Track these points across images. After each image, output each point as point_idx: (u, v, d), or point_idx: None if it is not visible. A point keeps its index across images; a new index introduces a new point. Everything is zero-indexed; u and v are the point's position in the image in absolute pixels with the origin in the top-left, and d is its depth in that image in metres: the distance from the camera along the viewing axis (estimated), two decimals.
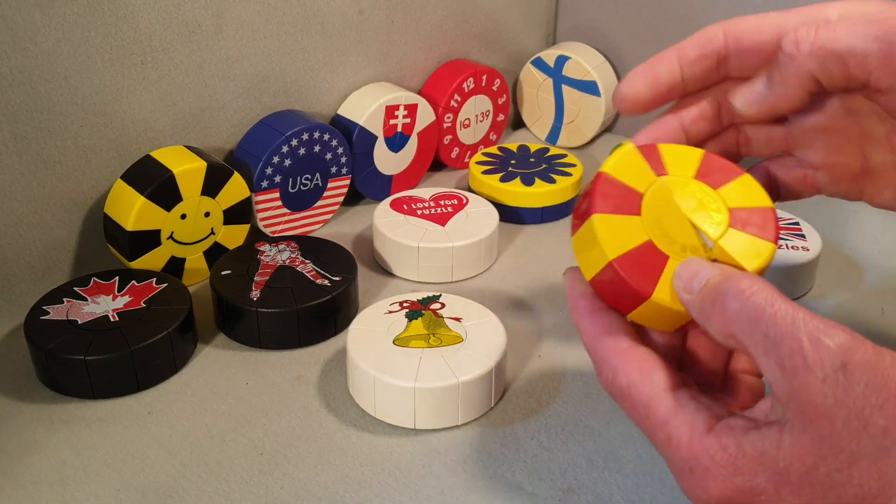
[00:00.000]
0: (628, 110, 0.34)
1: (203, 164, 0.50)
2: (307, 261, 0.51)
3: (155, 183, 0.49)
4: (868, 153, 0.34)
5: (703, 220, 0.31)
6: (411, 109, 0.63)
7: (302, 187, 0.58)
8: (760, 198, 0.33)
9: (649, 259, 0.30)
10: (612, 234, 0.31)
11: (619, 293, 0.31)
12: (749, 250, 0.31)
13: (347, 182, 0.61)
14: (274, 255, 0.51)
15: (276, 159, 0.55)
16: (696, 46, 0.33)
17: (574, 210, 0.34)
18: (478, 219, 0.57)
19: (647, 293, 0.30)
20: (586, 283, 0.32)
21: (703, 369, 0.33)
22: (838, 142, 0.34)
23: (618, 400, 0.30)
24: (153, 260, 0.51)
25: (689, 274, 0.29)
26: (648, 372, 0.29)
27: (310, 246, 0.52)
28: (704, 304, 0.28)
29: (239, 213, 0.54)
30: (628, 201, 0.32)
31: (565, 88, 0.73)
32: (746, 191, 0.33)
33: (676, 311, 0.30)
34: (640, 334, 0.32)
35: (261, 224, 0.57)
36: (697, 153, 0.33)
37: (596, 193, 0.32)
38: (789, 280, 0.52)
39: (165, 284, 0.48)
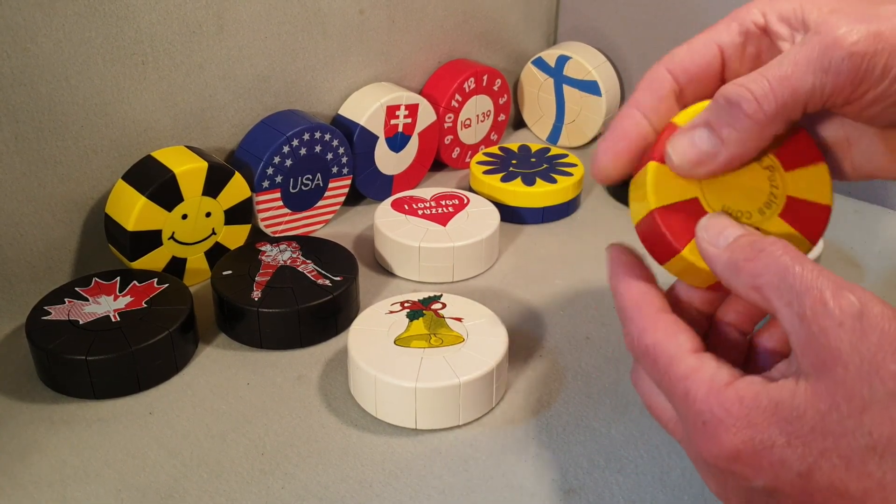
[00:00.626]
0: (608, 182, 0.34)
1: (204, 165, 0.50)
2: (308, 261, 0.51)
3: (156, 183, 0.49)
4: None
5: (758, 200, 0.31)
6: (412, 109, 0.63)
7: (303, 187, 0.58)
8: (823, 194, 0.32)
9: (691, 216, 0.31)
10: (663, 185, 0.31)
11: (655, 242, 0.32)
12: (814, 187, 0.32)
13: (348, 182, 0.61)
14: (275, 256, 0.51)
15: (277, 159, 0.55)
16: (649, 93, 0.33)
17: (642, 155, 0.33)
18: (479, 219, 0.56)
19: (680, 247, 0.31)
20: (629, 254, 0.33)
21: (728, 348, 0.34)
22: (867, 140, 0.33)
23: (640, 358, 0.31)
24: (154, 260, 0.51)
25: (716, 228, 0.30)
26: (675, 334, 0.30)
27: (311, 246, 0.52)
28: (735, 257, 0.28)
29: (240, 214, 0.54)
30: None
31: (566, 88, 0.73)
32: (814, 182, 0.32)
33: (705, 270, 0.30)
34: (673, 307, 0.33)
35: (262, 224, 0.57)
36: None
37: (660, 140, 0.32)
38: None
39: (166, 284, 0.48)
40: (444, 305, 0.47)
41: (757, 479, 0.27)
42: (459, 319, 0.45)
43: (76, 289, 0.47)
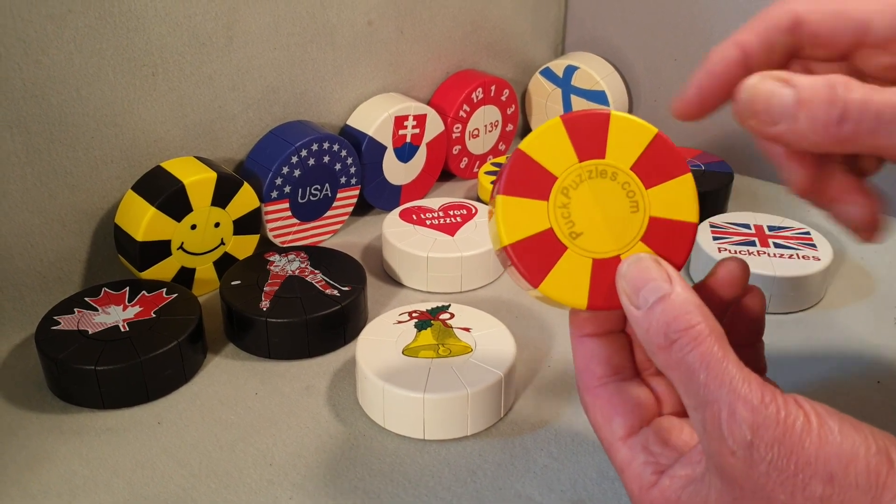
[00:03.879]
0: (687, 118, 0.32)
1: (213, 175, 0.50)
2: (316, 271, 0.51)
3: (165, 194, 0.49)
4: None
5: (618, 227, 0.30)
6: (420, 120, 0.63)
7: (311, 198, 0.58)
8: (687, 210, 0.31)
9: (546, 248, 0.30)
10: (513, 218, 0.30)
11: (513, 275, 0.31)
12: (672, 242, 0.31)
13: (357, 192, 0.61)
14: (283, 266, 0.51)
15: (285, 170, 0.56)
16: (759, 37, 0.30)
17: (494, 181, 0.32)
18: (487, 229, 0.56)
19: (535, 283, 0.30)
20: (580, 313, 0.32)
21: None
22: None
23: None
24: (163, 270, 0.51)
25: (634, 284, 0.28)
26: (609, 418, 0.31)
27: (319, 256, 0.52)
28: (651, 333, 0.28)
29: (249, 224, 0.54)
30: (538, 184, 0.30)
31: (574, 98, 0.74)
32: (677, 197, 0.30)
33: (566, 304, 0.30)
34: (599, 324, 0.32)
35: (270, 234, 0.57)
36: (648, 134, 0.30)
37: (506, 173, 0.30)
38: (800, 290, 0.52)
39: (175, 295, 0.48)
40: (452, 315, 0.46)
41: None
42: (468, 329, 0.45)
43: (86, 299, 0.47)
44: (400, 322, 0.46)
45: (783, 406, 0.25)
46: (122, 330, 0.45)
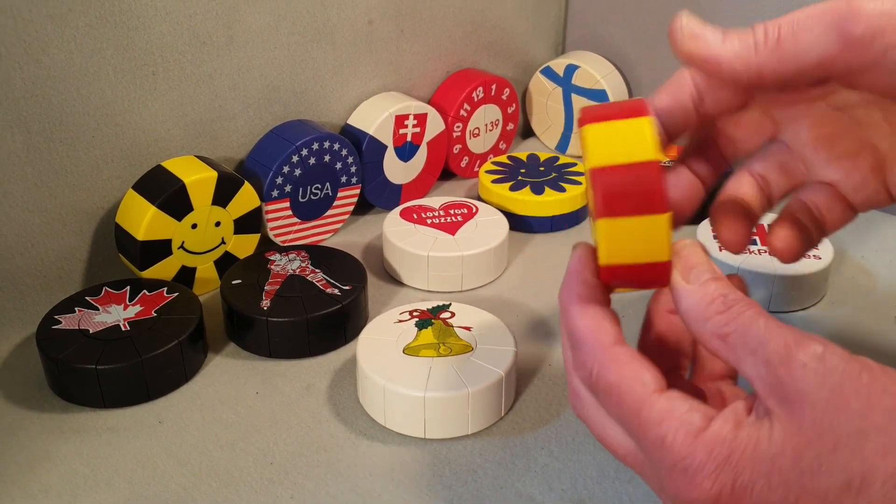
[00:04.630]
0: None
1: (214, 174, 0.50)
2: (317, 270, 0.51)
3: (166, 193, 0.49)
4: (875, 142, 0.33)
5: None
6: (421, 119, 0.63)
7: (312, 197, 0.58)
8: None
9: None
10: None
11: (649, 283, 0.30)
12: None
13: (357, 191, 0.61)
14: (284, 265, 0.51)
15: (286, 169, 0.56)
16: (669, 94, 0.33)
17: (612, 185, 0.30)
18: (487, 228, 0.56)
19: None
20: (591, 265, 0.31)
21: (669, 353, 0.34)
22: (843, 144, 0.34)
23: (600, 396, 0.30)
24: (164, 269, 0.51)
25: (688, 261, 0.30)
26: (639, 372, 0.29)
27: (320, 255, 0.52)
28: (703, 305, 0.28)
29: (249, 223, 0.54)
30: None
31: (575, 97, 0.74)
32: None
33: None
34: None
35: (271, 233, 0.57)
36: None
37: (663, 187, 0.29)
38: (801, 288, 0.52)
39: (176, 294, 0.48)
40: (452, 314, 0.46)
41: None
42: (468, 328, 0.45)
43: (86, 298, 0.47)
44: (400, 321, 0.46)
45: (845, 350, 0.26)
46: (123, 329, 0.45)
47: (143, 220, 0.49)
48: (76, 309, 0.46)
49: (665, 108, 0.33)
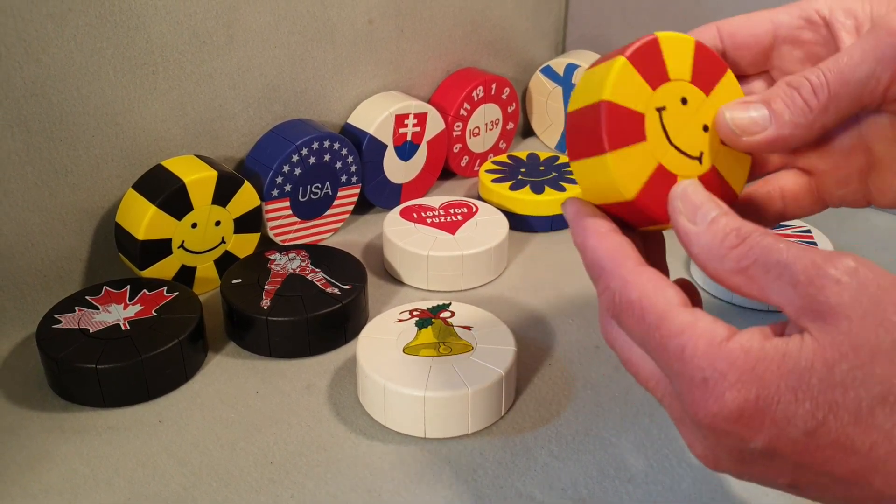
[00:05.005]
0: None
1: (214, 174, 0.50)
2: (317, 269, 0.51)
3: (166, 192, 0.49)
4: (872, 145, 0.33)
5: (697, 138, 0.31)
6: (421, 118, 0.63)
7: (312, 196, 0.58)
8: (739, 181, 0.33)
9: (663, 185, 0.30)
10: (627, 170, 0.30)
11: (639, 221, 0.31)
12: (736, 171, 0.32)
13: (357, 191, 0.61)
14: (284, 264, 0.51)
15: (286, 168, 0.56)
16: None
17: (575, 128, 0.31)
18: (487, 227, 0.56)
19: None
20: (591, 206, 0.32)
21: None
22: (842, 138, 0.34)
23: (622, 314, 0.29)
24: (164, 269, 0.51)
25: (693, 202, 0.29)
26: (662, 288, 0.28)
27: (320, 255, 0.52)
28: (717, 242, 0.28)
29: (249, 222, 0.54)
30: (634, 128, 0.30)
31: None
32: (730, 91, 0.32)
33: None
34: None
35: (271, 233, 0.57)
36: (689, 44, 0.32)
37: (605, 127, 0.30)
38: None
39: (176, 293, 0.48)
40: (452, 314, 0.46)
41: (756, 438, 0.25)
42: (468, 328, 0.45)
43: (86, 297, 0.47)
44: (401, 320, 0.46)
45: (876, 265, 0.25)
46: (123, 329, 0.45)
47: (144, 219, 0.49)
48: (76, 308, 0.46)
49: None
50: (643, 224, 0.32)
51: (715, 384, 0.25)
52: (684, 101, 0.31)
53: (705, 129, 0.32)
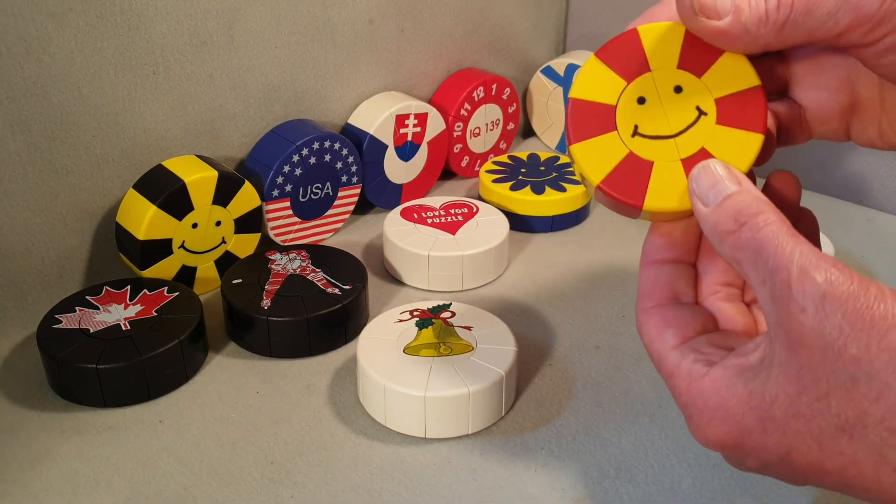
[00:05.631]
0: None
1: (214, 174, 0.50)
2: (318, 270, 0.51)
3: (166, 192, 0.49)
4: (857, 87, 0.33)
5: (686, 121, 0.31)
6: (421, 118, 0.63)
7: (312, 196, 0.58)
8: (747, 76, 0.31)
9: (634, 171, 0.31)
10: (592, 160, 0.32)
11: (618, 209, 0.32)
12: (737, 150, 0.31)
13: (358, 191, 0.61)
14: (284, 264, 0.51)
15: (286, 168, 0.56)
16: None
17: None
18: (488, 227, 0.56)
19: (639, 205, 0.31)
20: (656, 239, 0.33)
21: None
22: (828, 77, 0.33)
23: (645, 347, 0.32)
24: (164, 269, 0.51)
25: (706, 181, 0.29)
26: (661, 331, 0.31)
27: (320, 255, 0.52)
28: (719, 223, 0.28)
29: (250, 222, 0.54)
30: (601, 120, 0.32)
31: None
32: (732, 71, 0.32)
33: (673, 212, 0.31)
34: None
35: (271, 233, 0.57)
36: (678, 31, 0.32)
37: (569, 123, 0.32)
38: None
39: (177, 293, 0.48)
40: (453, 314, 0.46)
41: (746, 461, 0.28)
42: (469, 328, 0.45)
43: (87, 297, 0.47)
44: (401, 321, 0.46)
45: (857, 276, 0.25)
46: (124, 328, 0.45)
47: (144, 219, 0.49)
48: (77, 308, 0.46)
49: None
50: (634, 214, 0.32)
51: (697, 421, 0.29)
52: (678, 89, 0.32)
53: (699, 111, 0.31)
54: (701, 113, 0.31)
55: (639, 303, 0.33)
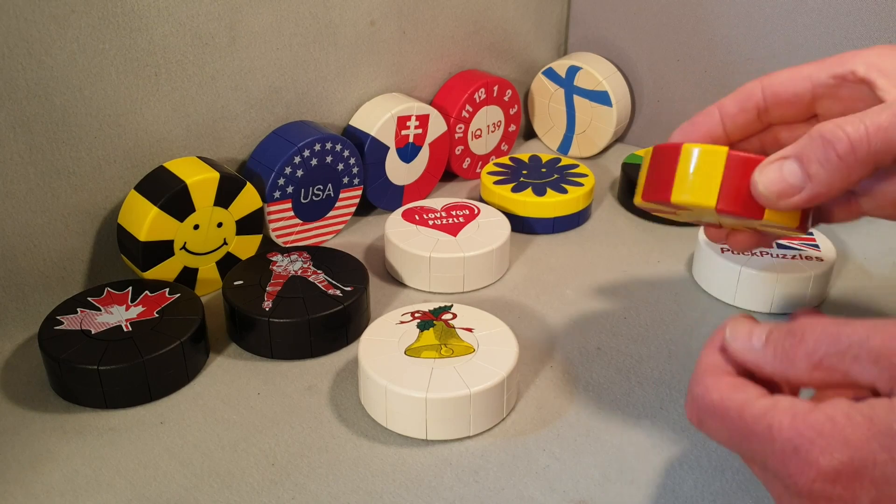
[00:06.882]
0: None
1: (216, 175, 0.50)
2: (319, 271, 0.51)
3: (168, 193, 0.49)
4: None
5: None
6: (423, 120, 0.63)
7: (314, 198, 0.58)
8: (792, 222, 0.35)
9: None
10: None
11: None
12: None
13: (359, 192, 0.61)
14: (286, 266, 0.51)
15: (288, 170, 0.56)
16: (736, 102, 0.37)
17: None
18: (489, 229, 0.56)
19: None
20: (733, 320, 0.32)
21: None
22: (885, 170, 0.34)
23: (707, 418, 0.30)
24: (166, 270, 0.51)
25: (743, 333, 0.30)
26: (742, 388, 0.29)
27: (322, 256, 0.52)
28: (781, 349, 0.29)
29: (251, 224, 0.54)
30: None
31: (577, 99, 0.74)
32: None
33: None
34: None
35: (273, 234, 0.57)
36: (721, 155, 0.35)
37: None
38: (804, 289, 0.52)
39: (178, 295, 0.48)
40: (454, 316, 0.46)
41: (861, 498, 0.26)
42: (470, 330, 0.45)
43: (88, 299, 0.47)
44: (402, 322, 0.46)
45: None
46: (125, 330, 0.45)
47: (145, 220, 0.49)
48: (78, 309, 0.46)
49: (730, 113, 0.37)
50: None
51: (806, 452, 0.26)
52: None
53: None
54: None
55: (702, 374, 0.31)
